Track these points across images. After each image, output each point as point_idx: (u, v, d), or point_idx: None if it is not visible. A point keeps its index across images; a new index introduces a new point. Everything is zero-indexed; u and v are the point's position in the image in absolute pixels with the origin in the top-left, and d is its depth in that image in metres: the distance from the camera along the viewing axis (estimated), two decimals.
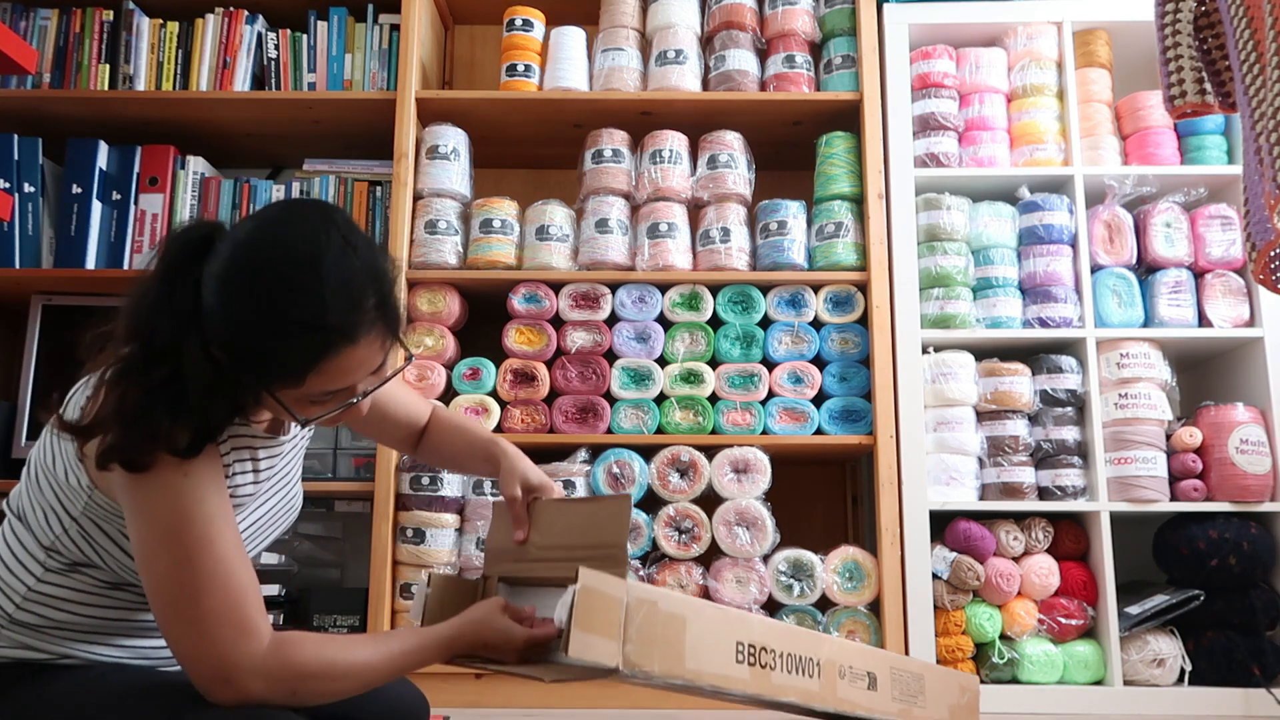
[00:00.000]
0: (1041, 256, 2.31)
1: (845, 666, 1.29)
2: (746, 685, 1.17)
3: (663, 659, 1.10)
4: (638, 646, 1.07)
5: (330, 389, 1.08)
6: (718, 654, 1.14)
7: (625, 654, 1.06)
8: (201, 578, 1.01)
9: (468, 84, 2.76)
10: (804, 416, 2.25)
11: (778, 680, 1.20)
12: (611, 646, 1.05)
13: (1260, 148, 1.30)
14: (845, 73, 2.42)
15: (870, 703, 1.31)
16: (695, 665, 1.12)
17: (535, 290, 2.31)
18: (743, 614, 1.24)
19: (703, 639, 1.13)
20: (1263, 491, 2.18)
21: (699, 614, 1.15)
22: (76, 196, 2.41)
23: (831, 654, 1.28)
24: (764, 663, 1.19)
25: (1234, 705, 2.09)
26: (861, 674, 1.31)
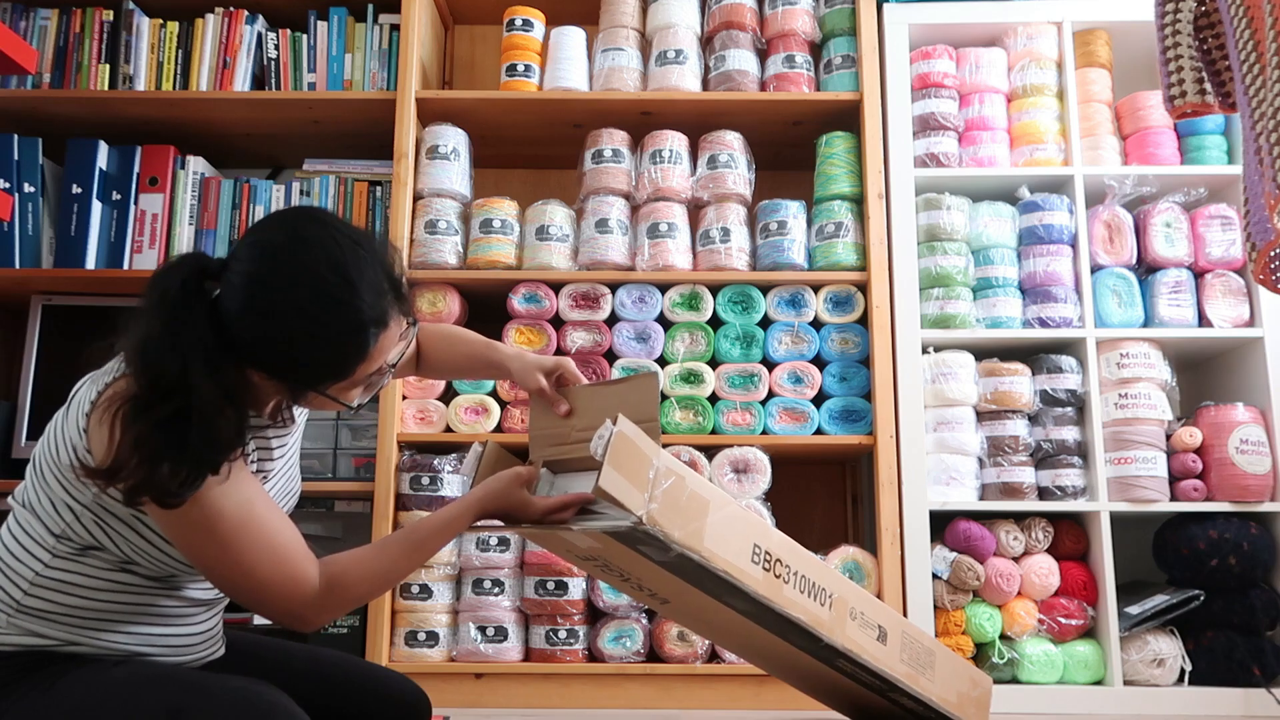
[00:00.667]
0: (1041, 256, 2.31)
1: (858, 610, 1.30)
2: (758, 585, 1.18)
3: (683, 529, 1.12)
4: (662, 507, 1.10)
5: (371, 371, 1.17)
6: (735, 546, 1.16)
7: (650, 511, 1.09)
8: (248, 555, 1.12)
9: (468, 84, 2.76)
10: (804, 416, 2.25)
11: (789, 594, 1.22)
12: (639, 496, 1.08)
13: (1260, 148, 1.30)
14: (845, 73, 2.42)
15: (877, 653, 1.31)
16: (713, 546, 1.14)
17: (535, 290, 2.31)
18: (763, 522, 1.25)
19: (723, 527, 1.16)
20: (1263, 491, 2.18)
21: (723, 504, 1.18)
22: (76, 196, 2.40)
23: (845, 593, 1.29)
24: (778, 573, 1.20)
25: (1234, 705, 2.09)
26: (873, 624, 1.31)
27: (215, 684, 1.10)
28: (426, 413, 2.27)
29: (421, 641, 2.14)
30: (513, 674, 2.14)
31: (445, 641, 2.15)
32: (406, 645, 2.14)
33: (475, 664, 2.13)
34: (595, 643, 2.15)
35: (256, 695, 1.07)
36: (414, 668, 2.10)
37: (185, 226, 2.44)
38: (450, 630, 2.17)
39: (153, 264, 2.40)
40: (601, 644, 2.14)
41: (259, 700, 1.06)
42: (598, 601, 2.16)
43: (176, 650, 1.22)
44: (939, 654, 1.40)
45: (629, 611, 2.15)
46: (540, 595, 2.15)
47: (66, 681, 1.09)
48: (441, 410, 2.27)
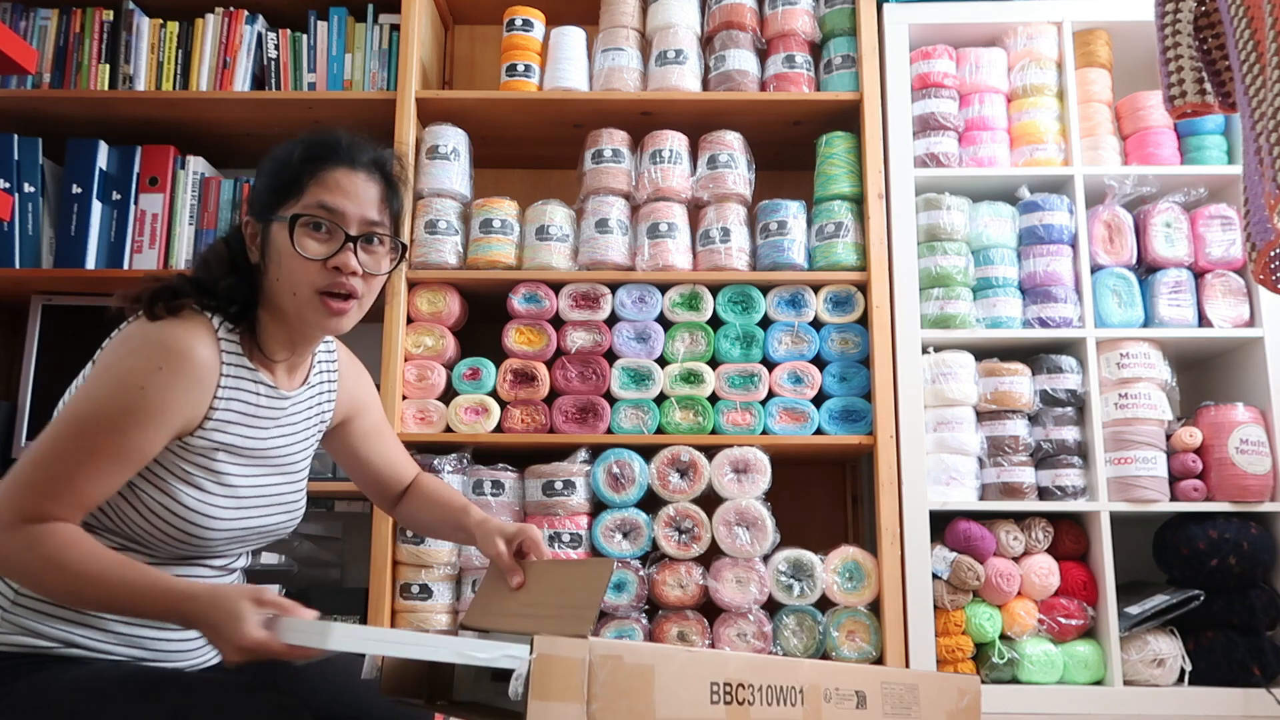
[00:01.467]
0: (1041, 256, 2.31)
1: (830, 689, 1.27)
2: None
3: (630, 711, 1.08)
4: (604, 704, 1.05)
5: (327, 202, 1.20)
6: (691, 697, 1.12)
7: (591, 713, 1.04)
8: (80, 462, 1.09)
9: (468, 84, 2.76)
10: (804, 416, 2.25)
11: (757, 714, 1.18)
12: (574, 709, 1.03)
13: (1260, 148, 1.30)
14: (845, 73, 2.42)
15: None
16: (667, 713, 1.10)
17: (535, 290, 2.31)
18: (717, 653, 1.23)
19: (673, 685, 1.11)
20: (1263, 491, 2.18)
21: (668, 661, 1.12)
22: (76, 196, 2.41)
23: (815, 678, 1.25)
24: (741, 699, 1.17)
25: (1234, 705, 2.09)
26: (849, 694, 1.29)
27: (214, 684, 1.09)
28: (426, 413, 2.27)
29: None
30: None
31: None
32: None
33: None
34: None
35: (260, 695, 1.07)
36: None
37: (185, 226, 2.44)
38: (450, 630, 2.17)
39: (153, 264, 2.40)
40: None
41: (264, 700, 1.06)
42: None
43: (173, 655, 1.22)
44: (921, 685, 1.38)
45: (629, 612, 2.15)
46: None
47: (64, 683, 1.09)
48: (441, 410, 2.27)
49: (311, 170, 1.20)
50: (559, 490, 2.18)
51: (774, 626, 2.13)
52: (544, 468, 2.21)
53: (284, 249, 1.19)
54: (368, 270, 1.23)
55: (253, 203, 1.25)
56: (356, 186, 1.22)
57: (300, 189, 1.20)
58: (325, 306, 1.20)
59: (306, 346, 1.30)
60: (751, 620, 2.13)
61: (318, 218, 1.20)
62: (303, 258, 1.19)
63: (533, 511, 2.21)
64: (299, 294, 1.20)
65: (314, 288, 1.20)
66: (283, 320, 1.24)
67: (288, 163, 1.22)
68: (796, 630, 2.14)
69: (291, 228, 1.18)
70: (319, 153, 1.22)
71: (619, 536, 2.18)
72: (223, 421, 1.19)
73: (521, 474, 2.25)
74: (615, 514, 2.19)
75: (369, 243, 1.24)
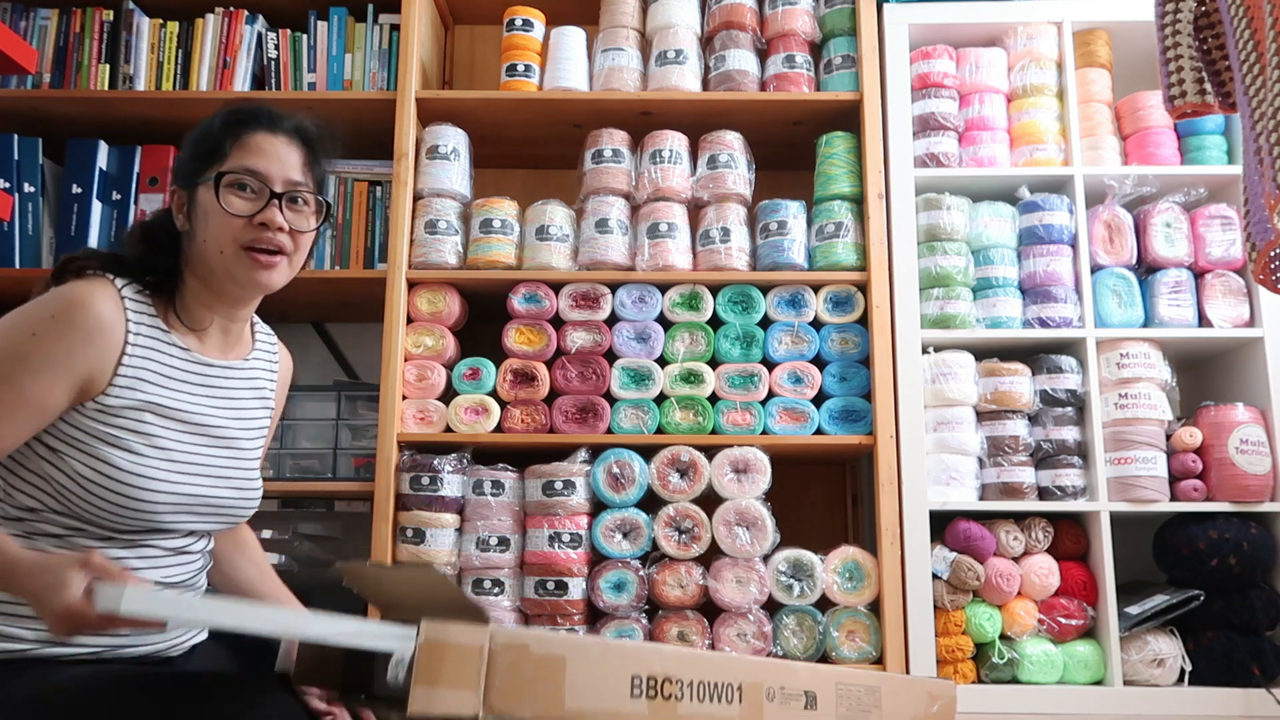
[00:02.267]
0: (1041, 256, 2.31)
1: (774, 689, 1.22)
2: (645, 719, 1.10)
3: (535, 702, 1.03)
4: (502, 692, 1.00)
5: (249, 164, 1.24)
6: (609, 689, 1.08)
7: (489, 702, 0.99)
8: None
9: (468, 84, 2.76)
10: (804, 416, 2.25)
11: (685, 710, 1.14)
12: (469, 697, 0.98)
13: (1260, 148, 1.31)
14: (845, 73, 2.42)
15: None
16: (577, 703, 1.05)
17: (535, 290, 2.31)
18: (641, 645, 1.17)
19: (587, 676, 1.06)
20: (1263, 491, 2.18)
21: (582, 652, 1.08)
22: (76, 196, 2.41)
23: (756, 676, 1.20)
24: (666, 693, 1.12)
25: (1234, 705, 2.08)
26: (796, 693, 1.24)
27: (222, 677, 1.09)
28: (426, 413, 2.27)
29: None
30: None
31: None
32: None
33: None
34: None
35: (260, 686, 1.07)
36: None
37: None
38: None
39: None
40: None
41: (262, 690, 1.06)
42: (598, 602, 2.16)
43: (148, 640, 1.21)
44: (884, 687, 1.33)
45: (629, 612, 2.15)
46: (540, 595, 2.15)
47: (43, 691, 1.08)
48: (441, 410, 2.27)
49: (234, 135, 1.26)
50: (559, 490, 2.18)
51: (774, 626, 2.13)
52: (544, 468, 2.21)
53: (210, 208, 1.24)
54: (294, 227, 1.27)
55: (177, 172, 1.30)
56: (278, 149, 1.27)
57: (223, 153, 1.25)
58: (254, 261, 1.24)
59: (237, 310, 1.32)
60: (751, 620, 2.13)
61: (242, 178, 1.24)
62: (228, 214, 1.23)
63: (532, 511, 2.21)
64: (225, 251, 1.23)
65: (240, 243, 1.24)
66: (211, 282, 1.27)
67: (209, 130, 1.27)
68: (796, 630, 2.14)
69: (217, 187, 1.23)
70: (240, 118, 1.27)
71: (619, 536, 2.18)
72: (136, 380, 1.19)
73: (521, 474, 2.25)
74: (615, 514, 2.19)
75: (293, 202, 1.28)
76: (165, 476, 1.20)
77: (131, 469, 1.17)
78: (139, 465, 1.18)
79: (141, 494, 1.17)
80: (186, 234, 1.28)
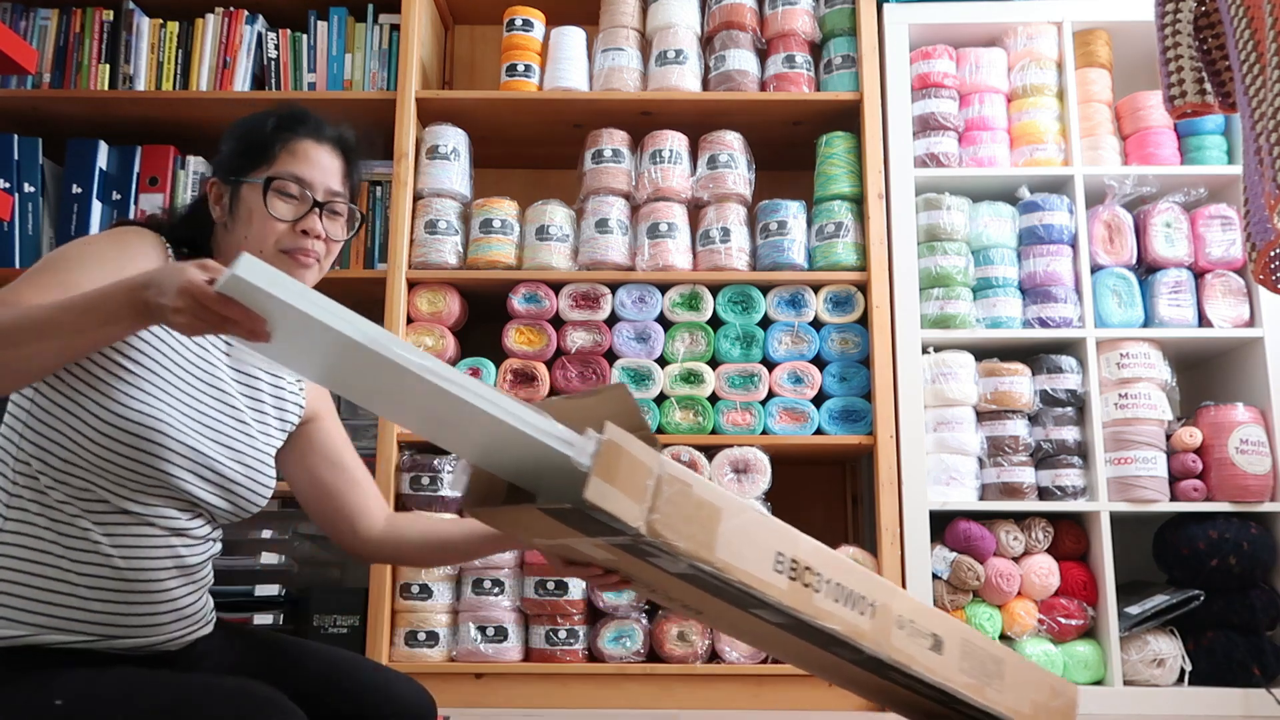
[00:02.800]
0: (1041, 256, 2.31)
1: (906, 619, 1.20)
2: (783, 595, 1.10)
3: (691, 539, 1.04)
4: (664, 517, 1.02)
5: (296, 171, 1.29)
6: (754, 555, 1.08)
7: (649, 521, 1.00)
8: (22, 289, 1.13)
9: (468, 84, 2.76)
10: (804, 416, 2.25)
11: (821, 603, 1.13)
12: (635, 507, 0.99)
13: (1260, 148, 1.31)
14: (845, 73, 2.42)
15: (931, 663, 1.21)
16: (726, 556, 1.06)
17: (535, 290, 2.31)
18: (789, 529, 1.15)
19: (738, 535, 1.07)
20: (1263, 491, 2.18)
21: (738, 510, 1.08)
22: (76, 196, 2.41)
23: (892, 601, 1.19)
24: (806, 581, 1.12)
25: (1234, 705, 2.08)
26: (925, 633, 1.22)
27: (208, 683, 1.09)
28: None
29: (421, 641, 2.14)
30: (513, 674, 2.14)
31: (445, 641, 2.15)
32: (406, 645, 2.14)
33: (475, 664, 2.13)
34: (595, 643, 2.15)
35: (251, 692, 1.07)
36: (414, 668, 2.10)
37: None
38: (450, 630, 2.17)
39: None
40: (601, 644, 2.14)
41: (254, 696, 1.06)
42: (598, 601, 2.16)
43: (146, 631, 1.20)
44: (1008, 662, 1.30)
45: (629, 611, 2.15)
46: (540, 595, 2.15)
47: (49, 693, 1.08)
48: None
49: (283, 139, 1.30)
50: None
51: None
52: None
53: (255, 209, 1.28)
54: (330, 235, 1.32)
55: (219, 165, 1.33)
56: (322, 158, 1.32)
57: (272, 156, 1.29)
58: (292, 260, 1.29)
59: None
60: None
61: (288, 184, 1.29)
62: (273, 218, 1.27)
63: None
64: (265, 251, 1.27)
65: (279, 246, 1.28)
66: None
67: (259, 130, 1.31)
68: None
69: (265, 190, 1.27)
70: (290, 124, 1.32)
71: None
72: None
73: None
74: None
75: (332, 212, 1.33)
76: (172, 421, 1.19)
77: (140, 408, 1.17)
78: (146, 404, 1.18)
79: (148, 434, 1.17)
80: (223, 225, 1.31)
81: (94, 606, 1.16)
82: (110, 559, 1.17)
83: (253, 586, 2.19)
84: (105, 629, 1.17)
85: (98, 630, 1.17)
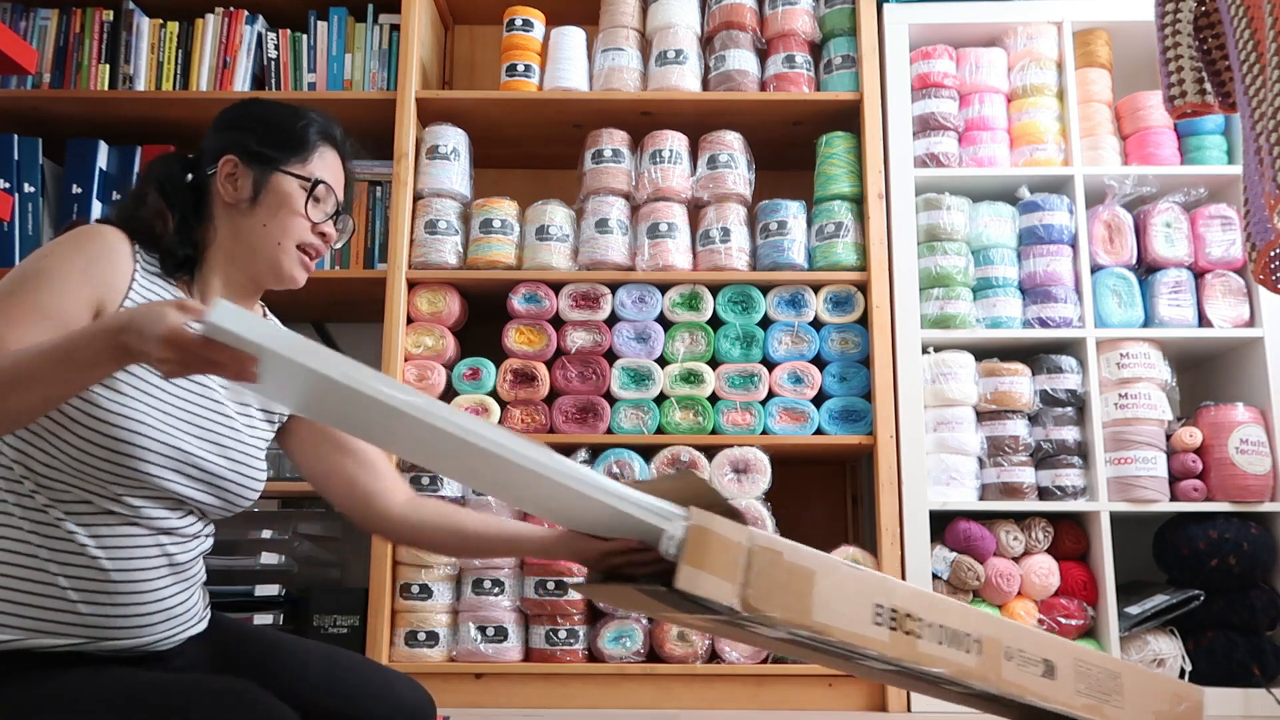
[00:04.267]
0: (1041, 256, 2.31)
1: (1014, 649, 1.18)
2: (886, 648, 1.10)
3: (787, 607, 1.05)
4: (759, 591, 1.03)
5: (328, 179, 1.34)
6: (851, 612, 1.08)
7: (744, 597, 1.03)
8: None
9: (468, 84, 2.76)
10: (804, 416, 2.25)
11: (925, 648, 1.12)
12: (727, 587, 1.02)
13: (1260, 148, 1.31)
14: (845, 73, 2.42)
15: (1045, 690, 1.18)
16: (824, 619, 1.06)
17: (535, 290, 2.31)
18: (884, 578, 1.15)
19: (833, 594, 1.07)
20: (1263, 491, 2.18)
21: (831, 570, 1.08)
22: (76, 196, 2.41)
23: (995, 632, 1.17)
24: (908, 629, 1.11)
25: (1234, 705, 2.09)
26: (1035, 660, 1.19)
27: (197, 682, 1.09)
28: None
29: (421, 641, 2.14)
30: (513, 674, 2.14)
31: (445, 642, 2.15)
32: (406, 645, 2.14)
33: (475, 664, 2.13)
34: (595, 643, 2.15)
35: (239, 691, 1.07)
36: (414, 668, 2.10)
37: None
38: (450, 630, 2.17)
39: None
40: (601, 644, 2.14)
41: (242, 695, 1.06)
42: (598, 602, 2.16)
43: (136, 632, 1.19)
44: (1125, 675, 1.25)
45: (629, 611, 2.15)
46: (540, 595, 2.15)
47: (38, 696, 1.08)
48: None
49: (320, 143, 1.35)
50: None
51: None
52: None
53: (288, 202, 1.31)
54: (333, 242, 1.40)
55: (245, 147, 1.31)
56: (340, 169, 1.39)
57: (308, 155, 1.33)
58: (304, 258, 1.35)
59: (250, 297, 1.36)
60: None
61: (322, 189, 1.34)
62: (301, 216, 1.31)
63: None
64: (284, 244, 1.31)
65: (298, 242, 1.32)
66: (245, 262, 1.31)
67: (297, 125, 1.34)
68: None
69: (311, 189, 1.32)
70: (329, 131, 1.38)
71: None
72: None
73: None
74: None
75: (335, 220, 1.39)
76: (150, 421, 1.18)
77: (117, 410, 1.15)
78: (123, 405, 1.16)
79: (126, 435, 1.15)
80: (234, 207, 1.30)
81: (82, 609, 1.15)
82: (97, 560, 1.15)
83: (253, 586, 2.19)
84: (95, 630, 1.17)
85: (87, 632, 1.16)
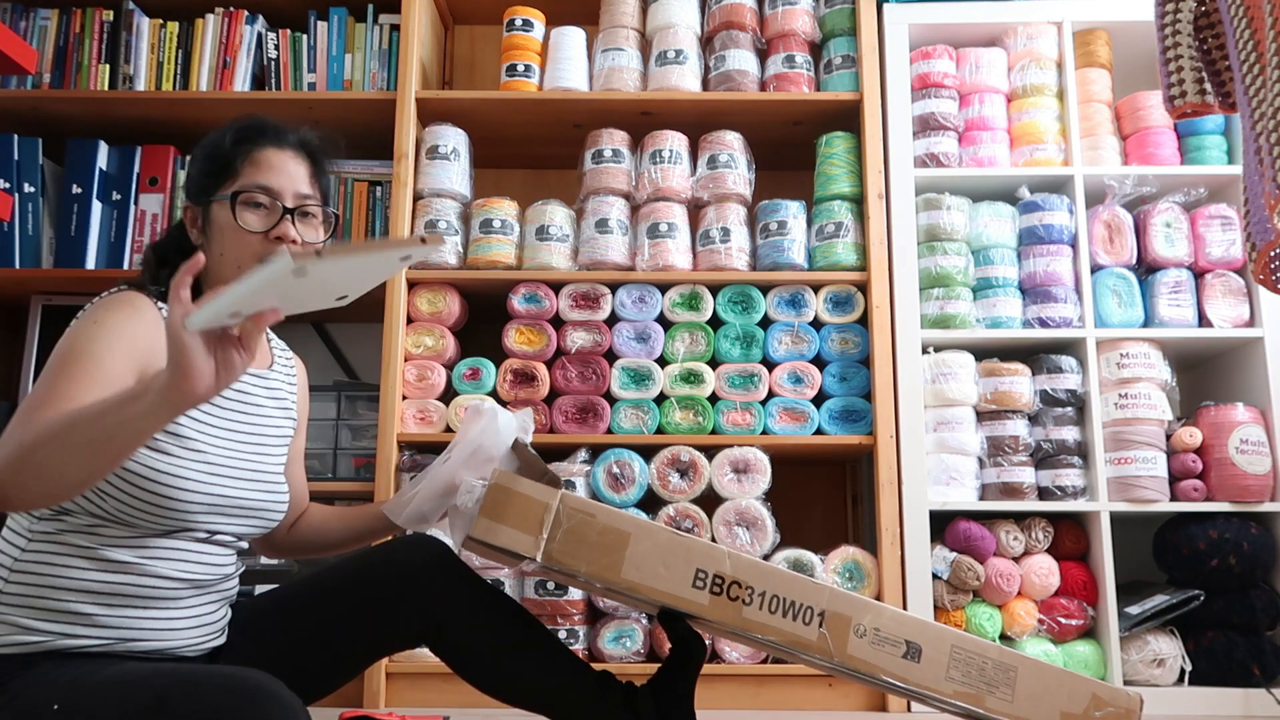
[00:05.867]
0: (1041, 256, 2.31)
1: (869, 627, 1.17)
2: (704, 610, 1.17)
3: (592, 562, 1.16)
4: (565, 546, 1.16)
5: (261, 182, 1.28)
6: (667, 573, 1.17)
7: (548, 550, 1.15)
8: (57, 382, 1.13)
9: (468, 84, 2.76)
10: (804, 416, 2.25)
11: (750, 615, 1.17)
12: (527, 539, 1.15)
13: (1260, 148, 1.31)
14: (845, 73, 2.42)
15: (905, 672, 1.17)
16: (634, 577, 1.17)
17: (535, 290, 2.31)
18: (717, 548, 1.20)
19: (649, 556, 1.17)
20: (1263, 491, 2.18)
21: (649, 535, 1.18)
22: (76, 196, 2.40)
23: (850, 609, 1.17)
24: (734, 595, 1.17)
25: (1234, 705, 2.09)
26: (894, 640, 1.17)
27: (201, 672, 1.10)
28: (426, 413, 2.27)
29: None
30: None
31: None
32: None
33: None
34: (595, 643, 2.15)
35: (244, 678, 1.07)
36: (414, 668, 2.10)
37: None
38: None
39: None
40: (601, 644, 2.14)
41: (246, 682, 1.06)
42: (598, 602, 2.16)
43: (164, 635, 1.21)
44: (1023, 669, 1.19)
45: (629, 612, 2.15)
46: (540, 595, 2.15)
47: (54, 680, 1.10)
48: (441, 410, 2.27)
49: (244, 152, 1.29)
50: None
51: None
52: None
53: (226, 225, 1.27)
54: (305, 240, 1.30)
55: (189, 189, 1.33)
56: (286, 164, 1.31)
57: (235, 170, 1.28)
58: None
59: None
60: None
61: (256, 195, 1.28)
62: (245, 231, 1.26)
63: None
64: (243, 266, 1.25)
65: (257, 259, 1.25)
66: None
67: (219, 146, 1.30)
68: None
69: (233, 205, 1.26)
70: (248, 135, 1.30)
71: None
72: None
73: None
74: None
75: (304, 216, 1.32)
76: (197, 477, 1.21)
77: (166, 469, 1.18)
78: (172, 465, 1.19)
79: (175, 493, 1.19)
80: (202, 248, 1.30)
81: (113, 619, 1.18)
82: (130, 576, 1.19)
83: (253, 586, 2.19)
84: (122, 633, 1.19)
85: (115, 634, 1.18)
